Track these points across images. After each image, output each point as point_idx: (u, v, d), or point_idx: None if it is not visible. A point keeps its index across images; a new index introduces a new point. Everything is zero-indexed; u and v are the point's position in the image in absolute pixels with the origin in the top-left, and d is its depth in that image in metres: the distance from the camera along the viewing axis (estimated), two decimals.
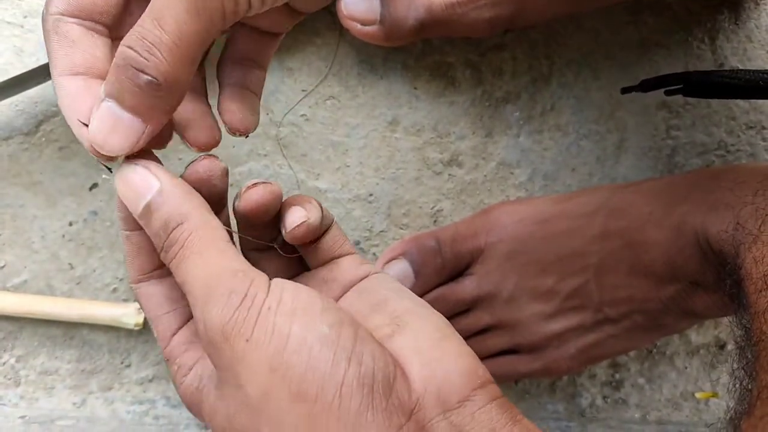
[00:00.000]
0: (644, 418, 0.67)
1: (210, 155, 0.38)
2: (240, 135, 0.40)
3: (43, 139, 0.57)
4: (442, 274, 0.59)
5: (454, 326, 0.59)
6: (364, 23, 0.56)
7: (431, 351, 0.35)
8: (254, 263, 0.40)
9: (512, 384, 0.65)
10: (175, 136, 0.39)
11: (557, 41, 0.62)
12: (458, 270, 0.59)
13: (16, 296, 0.58)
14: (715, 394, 0.68)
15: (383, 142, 0.60)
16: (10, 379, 0.59)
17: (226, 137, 0.39)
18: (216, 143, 0.39)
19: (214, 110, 0.39)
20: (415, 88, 0.60)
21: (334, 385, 0.32)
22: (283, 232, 0.39)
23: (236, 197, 0.39)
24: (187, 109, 0.38)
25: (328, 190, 0.60)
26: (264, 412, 0.32)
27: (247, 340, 0.32)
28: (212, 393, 0.36)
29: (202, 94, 0.40)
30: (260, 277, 0.34)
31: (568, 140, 0.63)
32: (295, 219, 0.39)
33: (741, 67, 0.65)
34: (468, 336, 0.60)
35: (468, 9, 0.55)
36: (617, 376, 0.66)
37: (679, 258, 0.54)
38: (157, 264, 0.39)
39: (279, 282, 0.34)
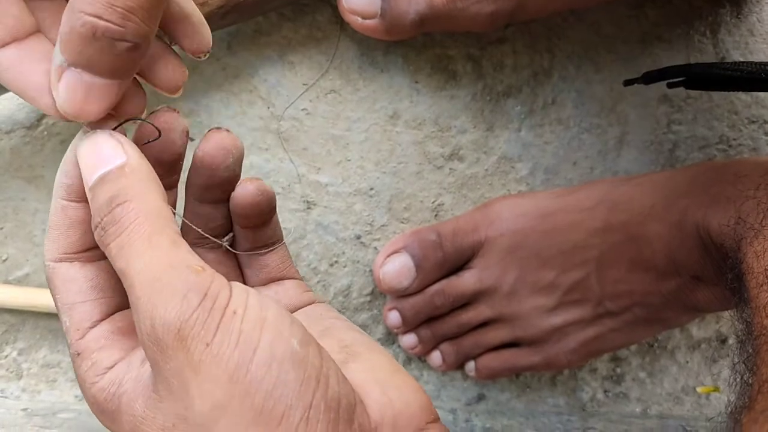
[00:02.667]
0: (645, 412, 0.67)
1: (171, 108, 0.36)
2: (203, 56, 0.37)
3: (45, 132, 0.57)
4: (443, 267, 0.59)
5: (455, 320, 0.60)
6: (364, 17, 0.56)
7: (388, 381, 0.34)
8: None
9: (513, 378, 0.65)
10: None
11: (558, 35, 0.62)
12: (459, 264, 0.59)
13: (18, 289, 0.58)
14: (716, 389, 0.68)
15: (384, 136, 0.60)
16: (12, 372, 0.59)
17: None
18: (184, 78, 0.36)
19: None
20: (416, 82, 0.60)
21: (303, 407, 0.29)
22: (233, 199, 0.37)
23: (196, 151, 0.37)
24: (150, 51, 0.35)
25: (329, 184, 0.60)
26: (211, 430, 0.29)
27: (208, 345, 0.29)
28: (139, 402, 0.31)
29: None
30: (220, 277, 0.31)
31: (569, 134, 0.63)
32: (249, 180, 0.37)
33: (742, 60, 0.65)
34: (468, 330, 0.60)
35: (469, 3, 0.55)
36: (618, 370, 0.66)
37: (680, 252, 0.53)
38: (88, 245, 0.35)
39: (244, 287, 0.31)
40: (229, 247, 0.39)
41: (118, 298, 0.35)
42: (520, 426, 0.63)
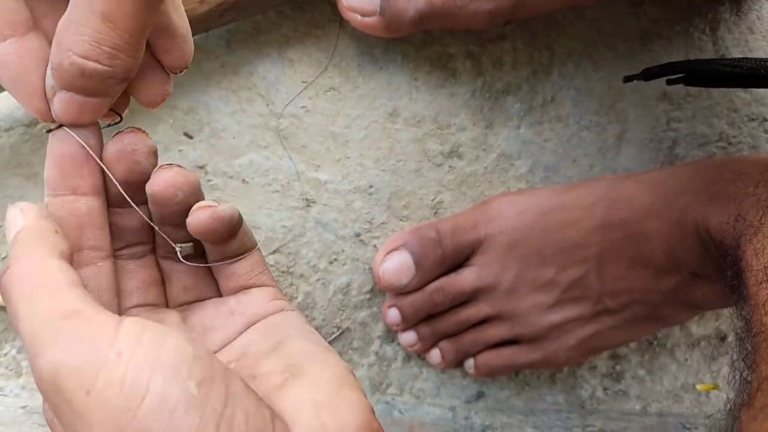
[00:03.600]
0: (645, 409, 0.67)
1: (138, 129, 0.36)
2: (182, 71, 0.37)
3: (45, 130, 0.57)
4: (442, 265, 0.59)
5: (454, 317, 0.60)
6: (364, 14, 0.56)
7: (326, 401, 0.32)
8: (166, 276, 0.39)
9: (512, 375, 0.65)
10: (176, 129, 0.38)
11: (558, 32, 0.62)
12: (458, 261, 0.59)
13: None
14: (715, 386, 0.68)
15: (383, 134, 0.60)
16: (11, 369, 0.59)
17: (226, 133, 0.39)
18: (167, 95, 0.36)
19: None
20: (416, 80, 0.60)
21: None
22: (188, 224, 0.36)
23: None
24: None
25: (328, 181, 0.60)
26: None
27: (88, 393, 0.27)
28: None
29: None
30: (107, 317, 0.29)
31: (568, 132, 0.63)
32: (202, 204, 0.36)
33: (742, 57, 0.65)
34: (468, 327, 0.60)
35: (468, 0, 0.55)
36: (618, 367, 0.66)
37: (680, 249, 0.53)
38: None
39: (139, 322, 0.29)
40: (182, 259, 0.38)
41: (104, 300, 0.36)
42: (520, 423, 0.63)
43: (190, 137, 0.58)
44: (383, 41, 0.59)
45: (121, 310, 0.37)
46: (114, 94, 0.33)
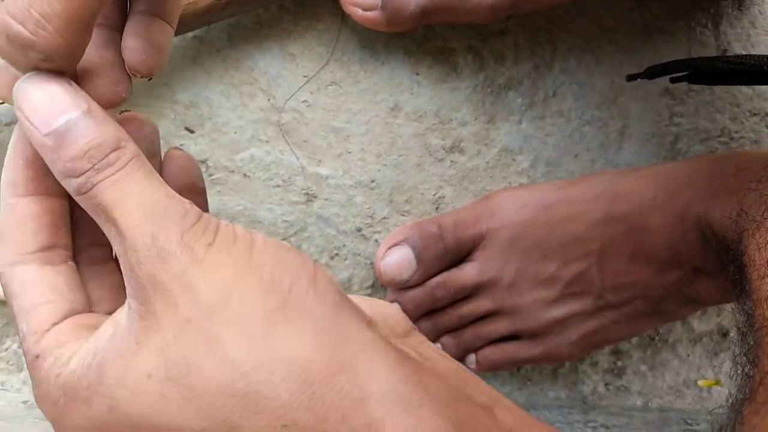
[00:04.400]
0: (646, 405, 0.67)
1: (134, 114, 0.35)
2: (141, 77, 0.35)
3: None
4: (443, 260, 0.59)
5: (455, 312, 0.60)
6: (365, 8, 0.56)
7: (362, 299, 0.34)
8: (90, 277, 0.37)
9: (514, 370, 0.65)
10: (178, 124, 0.38)
11: (560, 27, 0.62)
12: (460, 256, 0.59)
13: None
14: (717, 382, 0.67)
15: (385, 128, 0.60)
16: (12, 364, 0.59)
17: (228, 127, 0.39)
18: (121, 99, 0.34)
19: None
20: (417, 74, 0.60)
21: (308, 276, 0.30)
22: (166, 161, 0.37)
23: None
24: (91, 56, 0.33)
25: (329, 176, 0.60)
26: (221, 314, 0.29)
27: (210, 245, 0.30)
28: (128, 341, 0.30)
29: (115, 39, 0.34)
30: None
31: (570, 126, 0.63)
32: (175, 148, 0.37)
33: (745, 53, 0.65)
34: (469, 322, 0.60)
35: None
36: (619, 363, 0.66)
37: (682, 244, 0.53)
38: (42, 244, 0.33)
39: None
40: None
41: (78, 302, 0.34)
42: None
43: (192, 132, 0.58)
44: (385, 35, 0.59)
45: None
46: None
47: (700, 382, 0.67)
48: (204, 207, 0.37)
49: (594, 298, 0.58)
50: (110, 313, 0.35)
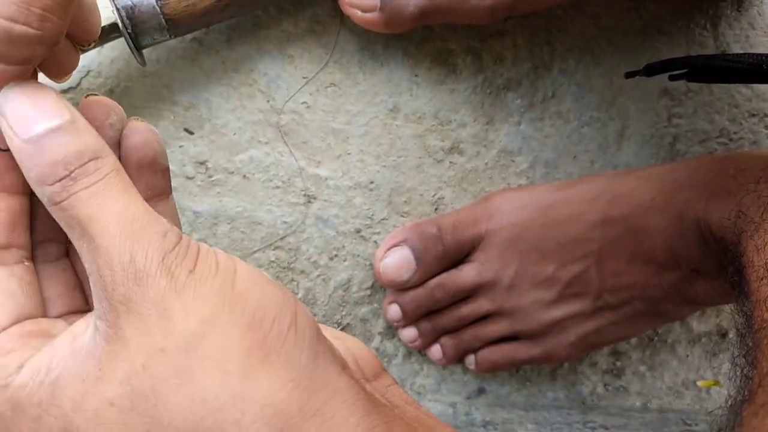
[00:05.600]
0: (645, 406, 0.67)
1: (97, 95, 0.35)
2: (89, 46, 0.35)
3: None
4: (443, 261, 0.59)
5: (455, 313, 0.60)
6: (364, 10, 0.56)
7: (334, 333, 0.34)
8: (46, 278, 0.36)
9: (513, 371, 0.65)
10: (177, 125, 0.37)
11: (558, 27, 0.62)
12: (459, 257, 0.59)
13: None
14: (716, 383, 0.68)
15: (384, 130, 0.60)
16: None
17: (227, 129, 0.39)
18: (75, 66, 0.35)
19: None
20: (416, 75, 0.60)
21: (290, 315, 0.30)
22: (124, 140, 0.35)
23: None
24: None
25: (328, 177, 0.60)
26: (197, 348, 0.28)
27: (191, 271, 0.29)
28: (90, 364, 0.29)
29: None
30: None
31: (569, 127, 0.63)
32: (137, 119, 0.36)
33: (743, 52, 0.65)
34: (468, 323, 0.60)
35: None
36: (618, 364, 0.66)
37: (681, 245, 0.53)
38: None
39: None
40: None
41: (30, 306, 0.33)
42: (520, 419, 0.63)
43: (191, 133, 0.57)
44: (384, 37, 0.59)
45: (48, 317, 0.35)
46: (35, 62, 0.31)
47: (699, 383, 0.67)
48: (166, 189, 0.37)
49: (593, 299, 0.58)
50: (64, 314, 0.35)
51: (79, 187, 0.30)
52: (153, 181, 0.36)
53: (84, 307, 0.36)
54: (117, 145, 0.35)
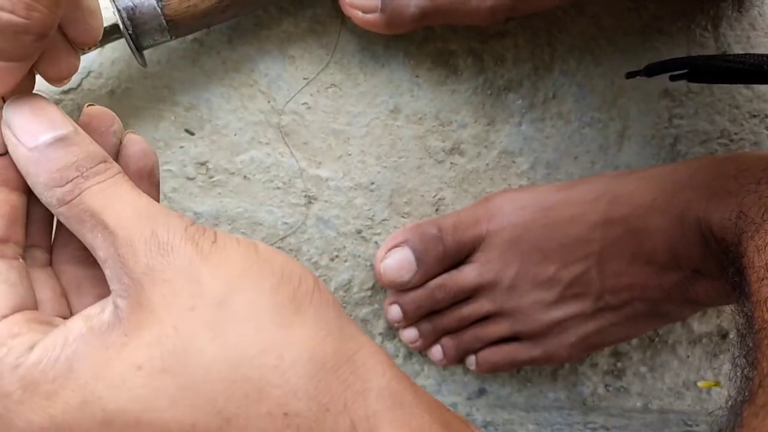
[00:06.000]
0: (646, 407, 0.67)
1: (94, 105, 0.35)
2: (89, 49, 0.36)
3: None
4: (443, 261, 0.59)
5: (455, 314, 0.60)
6: (365, 11, 0.56)
7: None
8: (74, 284, 0.36)
9: (514, 372, 0.65)
10: (178, 126, 0.38)
11: (559, 28, 0.62)
12: (460, 258, 0.59)
13: None
14: (717, 383, 0.67)
15: (385, 131, 0.60)
16: None
17: (228, 129, 0.39)
18: (74, 70, 0.35)
19: None
20: (417, 76, 0.60)
21: (312, 278, 0.31)
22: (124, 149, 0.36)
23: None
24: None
25: (329, 178, 0.60)
26: (229, 304, 0.29)
27: (213, 242, 0.31)
28: (113, 335, 0.29)
29: None
30: None
31: (570, 128, 0.63)
32: (133, 133, 0.37)
33: (744, 53, 0.65)
34: (469, 324, 0.60)
35: None
36: (619, 364, 0.66)
37: (681, 246, 0.53)
38: None
39: None
40: None
41: (29, 298, 0.33)
42: (521, 420, 0.63)
43: (192, 134, 0.58)
44: (384, 38, 0.59)
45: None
46: (29, 57, 0.31)
47: (700, 384, 0.67)
48: (156, 200, 0.37)
49: (594, 300, 0.58)
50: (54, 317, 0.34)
51: (90, 184, 0.31)
52: (149, 191, 0.36)
53: (65, 314, 0.35)
54: (117, 154, 0.36)
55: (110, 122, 0.35)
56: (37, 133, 0.32)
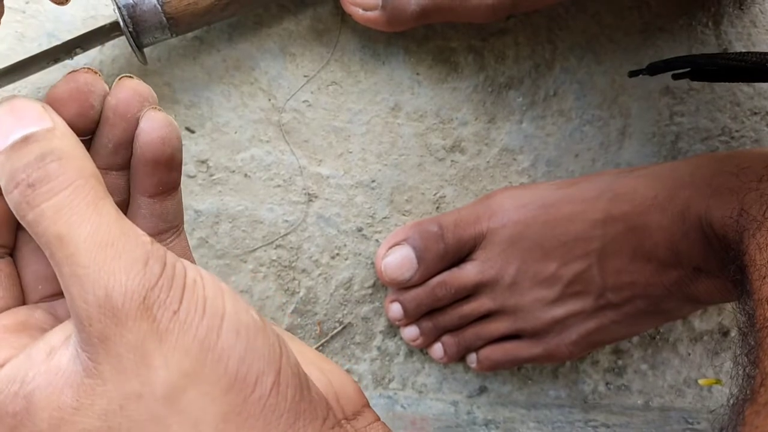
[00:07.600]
0: (647, 404, 0.67)
1: (92, 69, 0.32)
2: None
3: None
4: (444, 259, 0.59)
5: (456, 312, 0.60)
6: (366, 8, 0.56)
7: (321, 362, 0.33)
8: (34, 270, 0.34)
9: (515, 370, 0.65)
10: (178, 124, 0.37)
11: (560, 26, 0.62)
12: (461, 256, 0.59)
13: None
14: (718, 381, 0.67)
15: (385, 128, 0.60)
16: None
17: (228, 127, 0.39)
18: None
19: None
20: (418, 74, 0.60)
21: (273, 372, 0.28)
22: (139, 135, 0.32)
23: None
24: None
25: (330, 176, 0.60)
26: (175, 403, 0.27)
27: (175, 313, 0.27)
28: (67, 392, 0.28)
29: None
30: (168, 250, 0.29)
31: (571, 126, 0.63)
32: (154, 109, 0.32)
33: (746, 51, 0.64)
34: (470, 322, 0.60)
35: None
36: (620, 362, 0.66)
37: (683, 243, 0.53)
38: None
39: (187, 261, 0.30)
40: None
41: (8, 298, 0.32)
42: (522, 418, 0.63)
43: (192, 132, 0.57)
44: (385, 35, 0.59)
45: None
46: None
47: (701, 381, 0.67)
48: (177, 183, 0.35)
49: (594, 298, 0.58)
50: (42, 299, 0.33)
51: (41, 200, 0.28)
52: (167, 178, 0.34)
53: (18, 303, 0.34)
54: (93, 130, 0.33)
55: (137, 107, 0.32)
56: (7, 132, 0.29)
